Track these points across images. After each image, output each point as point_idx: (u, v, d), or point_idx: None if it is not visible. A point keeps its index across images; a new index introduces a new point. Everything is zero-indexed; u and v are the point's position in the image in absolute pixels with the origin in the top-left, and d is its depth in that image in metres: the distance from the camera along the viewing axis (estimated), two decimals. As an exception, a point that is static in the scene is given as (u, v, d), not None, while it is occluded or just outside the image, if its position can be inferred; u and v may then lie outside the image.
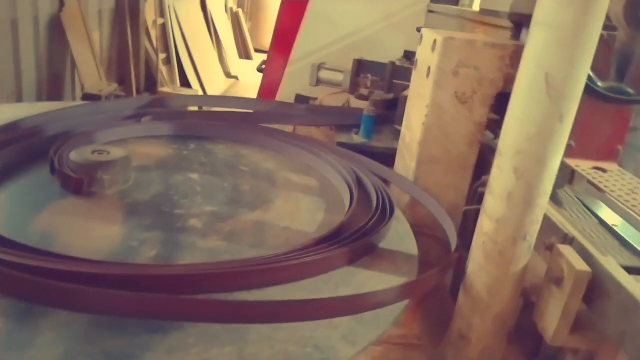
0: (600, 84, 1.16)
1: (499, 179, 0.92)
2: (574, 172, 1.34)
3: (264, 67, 3.16)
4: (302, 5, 2.79)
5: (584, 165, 1.32)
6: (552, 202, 1.20)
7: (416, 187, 1.37)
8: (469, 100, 1.31)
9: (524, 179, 0.88)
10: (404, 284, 0.86)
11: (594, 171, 1.30)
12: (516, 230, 0.91)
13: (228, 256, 0.88)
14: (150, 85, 5.65)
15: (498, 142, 0.97)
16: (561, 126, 0.85)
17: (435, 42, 1.29)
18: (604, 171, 1.30)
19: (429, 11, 2.31)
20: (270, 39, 3.16)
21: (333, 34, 2.72)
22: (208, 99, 1.77)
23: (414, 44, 1.49)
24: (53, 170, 1.06)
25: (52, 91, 4.13)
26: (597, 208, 1.29)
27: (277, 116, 1.70)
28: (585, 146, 1.29)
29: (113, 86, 4.62)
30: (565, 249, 0.93)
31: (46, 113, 1.33)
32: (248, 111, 1.79)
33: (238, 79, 7.69)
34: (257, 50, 9.04)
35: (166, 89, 5.59)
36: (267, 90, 2.95)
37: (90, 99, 4.02)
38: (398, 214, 1.20)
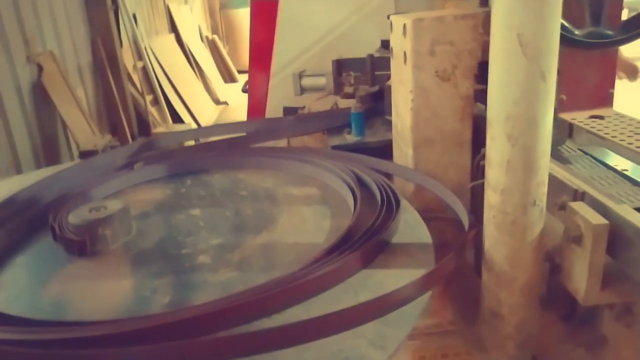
0: (577, 32, 1.13)
1: (494, 149, 0.90)
2: (571, 126, 1.32)
3: (247, 87, 3.16)
4: (272, 19, 2.79)
5: (580, 117, 1.30)
6: (557, 160, 1.17)
7: (417, 173, 1.35)
8: (451, 76, 1.29)
9: (518, 144, 0.86)
10: (423, 276, 0.84)
11: (591, 120, 1.28)
12: (523, 197, 0.89)
13: (241, 286, 0.87)
14: (144, 128, 5.68)
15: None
16: (545, 84, 0.83)
17: (404, 26, 1.27)
18: (601, 118, 1.27)
19: (397, -4, 2.30)
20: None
21: (307, 39, 2.72)
22: (196, 131, 1.76)
23: (388, 32, 1.47)
24: (55, 237, 1.06)
25: (48, 156, 4.16)
26: (604, 156, 1.27)
27: (267, 133, 1.69)
28: (577, 97, 1.26)
29: (107, 138, 4.65)
30: (578, 205, 0.91)
31: (40, 181, 1.33)
32: (241, 134, 1.78)
33: (228, 104, 7.73)
34: (240, 72, 9.09)
35: (159, 129, 5.62)
36: (255, 108, 2.94)
37: (86, 155, 4.05)
38: (404, 204, 1.18)
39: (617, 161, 1.22)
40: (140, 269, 0.97)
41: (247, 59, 3.18)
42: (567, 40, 1.07)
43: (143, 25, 6.28)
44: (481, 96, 1.40)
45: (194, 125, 6.15)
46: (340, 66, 2.26)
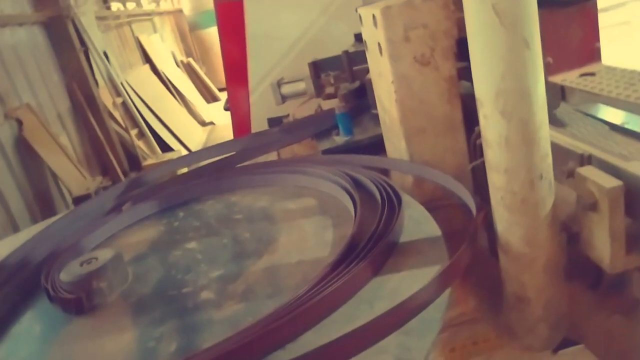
0: (552, -9, 1.08)
1: (489, 128, 0.85)
2: (563, 88, 1.27)
3: (229, 105, 3.11)
4: (241, 34, 2.75)
5: (570, 77, 1.25)
6: (555, 125, 1.12)
7: (414, 164, 1.30)
8: (430, 59, 1.24)
9: (514, 119, 0.81)
10: (439, 274, 0.79)
11: (583, 79, 1.23)
12: (528, 173, 0.84)
13: (250, 318, 0.81)
14: (134, 163, 5.63)
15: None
16: (530, 52, 0.78)
17: (374, 17, 1.22)
18: (592, 75, 1.22)
19: (363, -13, 2.24)
20: (226, 75, 3.11)
21: (279, 49, 2.67)
22: (181, 160, 1.71)
23: (359, 26, 1.43)
24: (50, 298, 1.01)
25: (43, 209, 4.11)
26: (602, 113, 1.21)
27: (254, 150, 1.64)
28: (564, 58, 1.22)
29: (98, 180, 4.60)
30: (587, 170, 0.86)
31: (28, 241, 1.27)
32: (228, 154, 1.73)
33: (214, 124, 7.68)
34: (220, 89, 9.04)
35: (150, 161, 5.57)
36: (240, 125, 2.89)
37: (80, 201, 4.00)
38: (406, 199, 1.13)
39: (616, 116, 1.17)
40: (141, 317, 0.91)
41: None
42: (544, 2, 1.02)
43: (116, 61, 6.24)
44: (465, 74, 1.35)
45: (183, 152, 6.10)
46: (318, 68, 2.20)
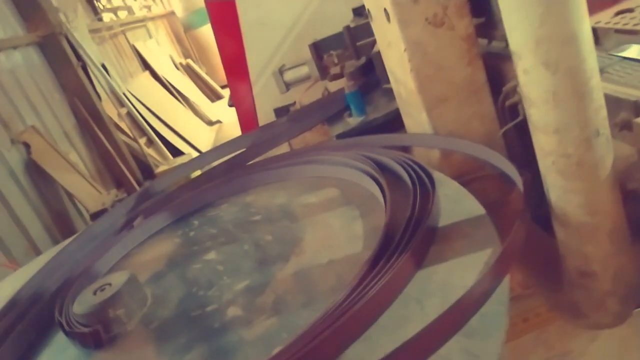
0: None
1: (532, 84, 0.73)
2: (596, 31, 1.14)
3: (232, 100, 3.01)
4: (236, 27, 2.63)
5: (604, 18, 1.11)
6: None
7: (439, 137, 1.19)
8: (444, 19, 1.12)
9: (560, 69, 0.69)
10: (496, 260, 0.68)
11: (619, 17, 1.09)
12: (583, 130, 0.72)
13: (285, 335, 0.72)
14: (147, 172, 5.59)
15: (505, 45, 0.78)
16: (573, -14, 0.65)
17: (376, -20, 1.10)
18: (630, 11, 1.09)
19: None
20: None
21: (276, 36, 2.56)
22: (190, 164, 1.62)
23: (356, 0, 1.32)
24: (66, 332, 0.93)
25: (62, 229, 4.08)
26: (644, 53, 1.08)
27: (264, 144, 1.53)
28: (597, -5, 1.08)
29: (113, 193, 4.56)
30: (648, 119, 0.74)
31: (40, 271, 1.20)
32: (238, 152, 1.63)
33: (221, 122, 7.60)
34: (223, 87, 8.94)
35: (162, 168, 5.51)
36: (246, 120, 2.79)
37: (98, 217, 3.97)
38: (438, 176, 1.02)
39: (661, 54, 1.04)
40: (165, 345, 0.83)
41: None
42: None
43: (115, 72, 6.17)
44: (483, 30, 1.23)
45: (194, 154, 6.03)
46: (319, 49, 2.09)
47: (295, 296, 0.82)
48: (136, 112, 5.94)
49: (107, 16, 7.10)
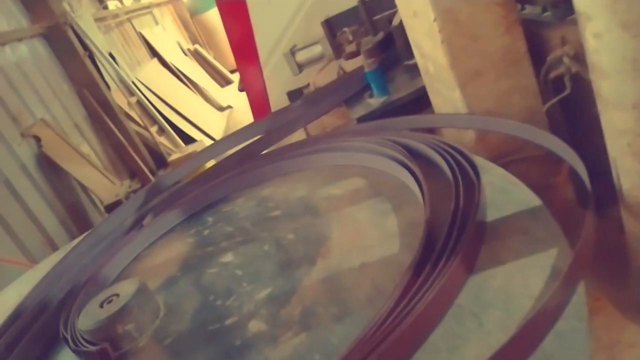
0: None
1: (605, 50, 0.61)
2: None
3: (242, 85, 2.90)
4: (242, 7, 2.50)
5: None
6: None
7: (476, 117, 1.06)
8: (479, -20, 0.98)
9: (642, 29, 0.57)
10: (571, 262, 0.57)
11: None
12: (668, 102, 0.60)
13: (317, 357, 0.62)
14: (160, 160, 5.53)
15: (540, 11, 0.65)
16: None
17: (400, -60, 0.97)
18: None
19: None
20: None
21: (285, 13, 2.42)
22: (199, 156, 1.51)
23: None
24: (72, 350, 0.84)
25: (77, 222, 4.04)
26: None
27: (278, 131, 1.42)
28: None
29: (126, 184, 4.51)
30: None
31: (45, 277, 1.12)
32: (251, 140, 1.52)
33: (232, 107, 7.50)
34: (232, 71, 8.80)
35: (175, 156, 5.44)
36: (257, 104, 2.68)
37: (112, 208, 3.92)
38: (480, 162, 0.89)
39: None
40: (181, 364, 0.73)
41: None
42: None
43: (123, 61, 6.07)
44: (522, -6, 1.09)
45: (206, 141, 5.95)
46: (332, 26, 1.96)
47: (326, 307, 0.71)
48: (146, 100, 5.86)
49: (112, 4, 6.97)
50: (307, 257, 0.84)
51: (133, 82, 5.85)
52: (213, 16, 9.46)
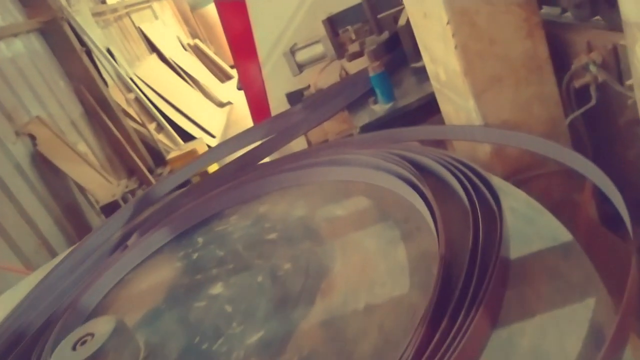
0: None
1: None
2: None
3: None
4: (242, 8, 2.40)
5: None
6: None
7: (494, 130, 0.97)
8: (498, -21, 0.88)
9: None
10: (619, 319, 0.47)
11: None
12: None
13: None
14: (158, 158, 5.43)
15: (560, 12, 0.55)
16: None
17: None
18: None
19: None
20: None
21: (285, 11, 2.31)
22: (194, 165, 1.42)
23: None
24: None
25: (74, 222, 3.96)
26: None
27: (277, 139, 1.32)
28: None
29: (123, 183, 4.42)
30: None
31: (22, 303, 1.02)
32: (248, 147, 1.43)
33: (232, 103, 7.39)
34: (233, 67, 8.69)
35: (174, 154, 5.34)
36: (256, 105, 2.58)
37: (107, 210, 3.86)
38: (498, 183, 0.80)
39: None
40: None
41: (235, 53, 2.80)
42: None
43: (121, 56, 5.96)
44: (546, -3, 1.00)
45: (206, 138, 5.85)
46: (334, 24, 1.86)
47: (328, 357, 0.62)
48: (144, 97, 5.76)
49: (110, -2, 6.86)
50: (306, 293, 0.75)
51: (131, 78, 5.74)
52: (214, 10, 9.32)
